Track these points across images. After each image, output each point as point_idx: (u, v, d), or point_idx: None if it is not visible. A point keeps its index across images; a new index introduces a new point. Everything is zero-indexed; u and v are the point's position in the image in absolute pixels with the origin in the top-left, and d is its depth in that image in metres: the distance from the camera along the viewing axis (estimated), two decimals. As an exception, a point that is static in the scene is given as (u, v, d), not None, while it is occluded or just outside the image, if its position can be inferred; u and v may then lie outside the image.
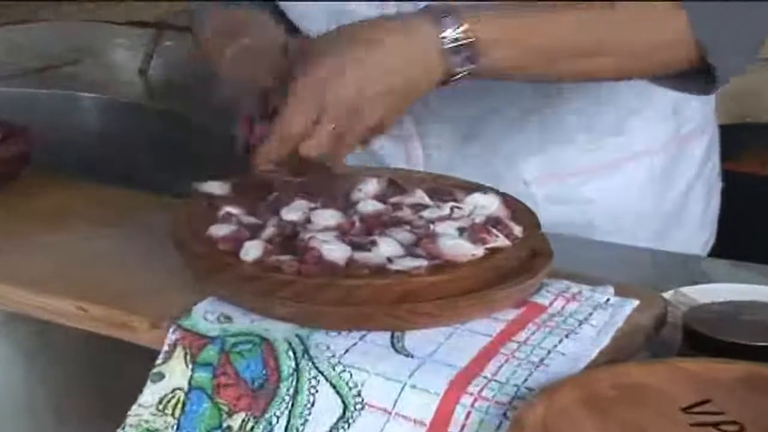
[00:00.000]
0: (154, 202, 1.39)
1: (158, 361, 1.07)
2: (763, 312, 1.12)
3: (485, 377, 0.98)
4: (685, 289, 1.25)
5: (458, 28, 1.16)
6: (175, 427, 1.04)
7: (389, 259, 1.07)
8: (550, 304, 1.10)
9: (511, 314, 1.07)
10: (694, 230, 1.66)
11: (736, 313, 1.10)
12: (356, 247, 1.08)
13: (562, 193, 1.52)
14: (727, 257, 1.70)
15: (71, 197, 1.42)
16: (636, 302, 1.10)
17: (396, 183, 1.22)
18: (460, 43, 1.16)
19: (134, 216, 1.34)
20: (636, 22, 1.27)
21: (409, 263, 1.06)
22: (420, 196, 1.19)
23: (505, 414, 0.95)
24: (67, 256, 1.25)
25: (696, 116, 1.61)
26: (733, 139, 3.04)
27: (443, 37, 1.16)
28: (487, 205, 1.17)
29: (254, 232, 1.13)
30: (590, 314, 1.08)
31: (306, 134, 1.15)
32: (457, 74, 1.18)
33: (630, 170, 1.57)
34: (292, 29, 1.50)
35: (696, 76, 1.31)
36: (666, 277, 1.43)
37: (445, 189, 1.21)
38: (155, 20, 2.87)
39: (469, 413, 0.95)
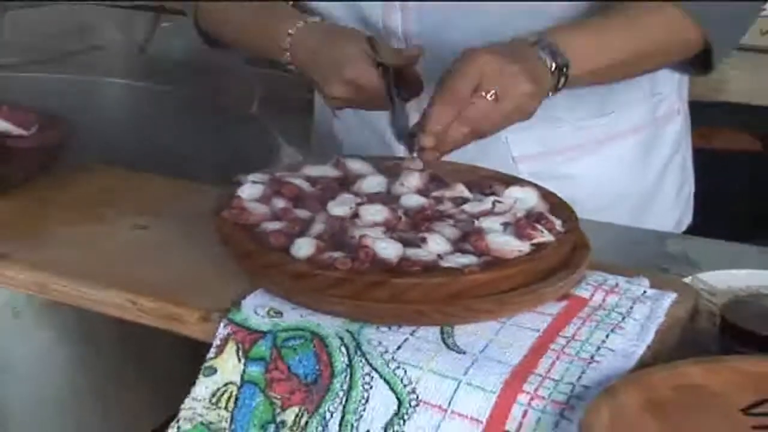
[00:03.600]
0: (192, 190, 1.27)
1: (210, 355, 0.96)
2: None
3: (539, 375, 0.89)
4: (703, 275, 1.17)
5: (562, 58, 1.19)
6: (229, 420, 0.94)
7: (439, 256, 0.97)
8: (591, 296, 1.01)
9: (555, 308, 0.98)
10: (668, 208, 1.59)
11: (774, 306, 1.00)
12: (406, 243, 0.98)
13: (546, 170, 1.42)
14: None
15: (109, 185, 1.29)
16: (674, 295, 1.02)
17: (436, 176, 1.11)
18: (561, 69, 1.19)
19: (174, 204, 1.22)
20: (656, 28, 1.29)
21: (460, 260, 0.96)
22: (460, 189, 1.09)
23: (562, 413, 0.86)
24: (112, 246, 1.13)
25: (671, 97, 1.55)
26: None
27: (553, 65, 1.19)
28: (525, 198, 1.08)
29: (304, 226, 1.02)
30: (631, 308, 1.00)
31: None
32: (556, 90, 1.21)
33: (612, 149, 1.49)
34: None
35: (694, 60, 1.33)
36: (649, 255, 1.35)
37: (483, 182, 1.12)
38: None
39: (526, 412, 0.86)
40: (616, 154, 1.49)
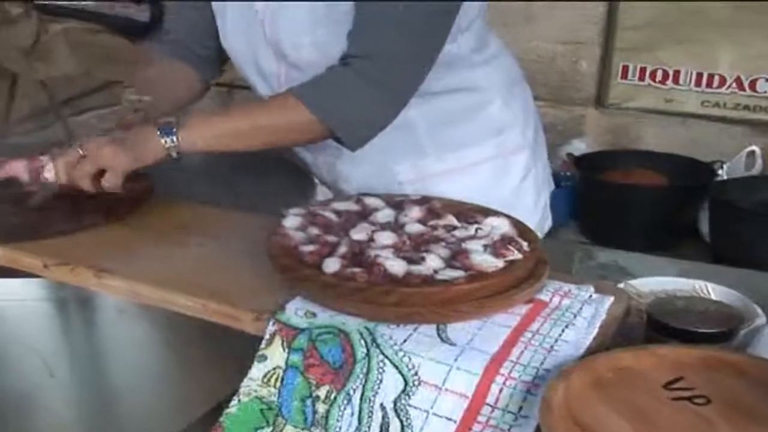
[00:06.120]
0: (247, 219, 1.23)
1: (262, 346, 0.93)
2: (703, 304, 1.02)
3: (512, 361, 0.86)
4: (633, 282, 1.17)
5: (173, 134, 1.20)
6: (276, 395, 0.92)
7: (435, 271, 0.94)
8: (550, 300, 0.98)
9: (524, 309, 0.95)
10: (529, 215, 1.48)
11: (688, 306, 0.98)
12: (410, 261, 0.95)
13: (425, 189, 1.37)
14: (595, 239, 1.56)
15: (184, 216, 1.26)
16: (612, 298, 0.99)
17: (433, 209, 1.07)
18: (172, 141, 1.19)
19: (233, 230, 1.19)
20: (278, 112, 1.25)
21: (451, 274, 0.93)
22: (450, 219, 1.06)
23: (528, 390, 0.84)
24: (186, 262, 1.10)
25: (515, 139, 1.49)
26: (608, 159, 2.95)
27: (163, 140, 1.19)
28: (499, 225, 1.05)
29: (332, 248, 0.99)
30: (580, 308, 0.97)
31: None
32: (171, 155, 1.20)
33: (471, 173, 1.46)
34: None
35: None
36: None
37: (468, 213, 1.08)
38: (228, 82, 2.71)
39: (501, 389, 0.84)
40: (475, 177, 1.45)
